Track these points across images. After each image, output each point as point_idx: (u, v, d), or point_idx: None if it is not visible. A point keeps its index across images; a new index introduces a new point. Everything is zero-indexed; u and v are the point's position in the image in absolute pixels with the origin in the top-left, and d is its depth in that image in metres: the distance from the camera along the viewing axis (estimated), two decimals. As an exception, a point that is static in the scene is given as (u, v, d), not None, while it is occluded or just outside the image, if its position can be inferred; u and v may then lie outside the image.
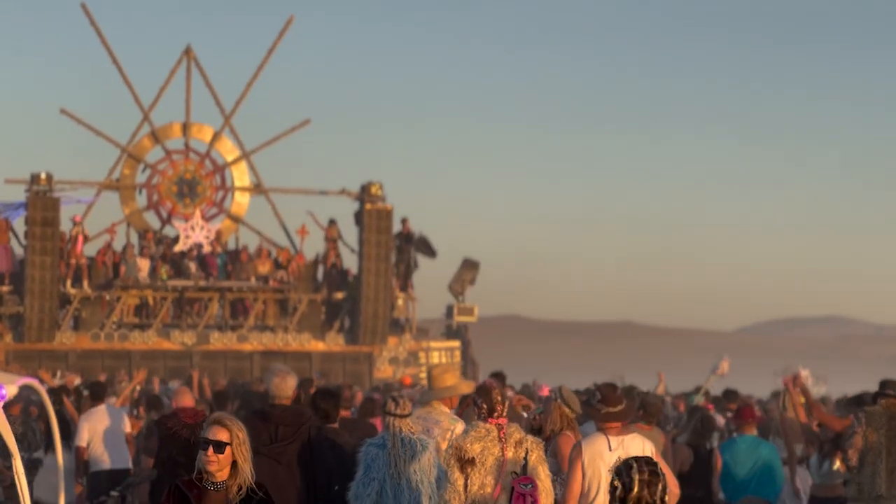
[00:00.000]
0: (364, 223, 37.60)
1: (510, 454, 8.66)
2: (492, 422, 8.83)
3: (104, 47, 39.43)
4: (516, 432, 8.74)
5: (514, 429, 8.77)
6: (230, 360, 37.14)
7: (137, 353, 36.61)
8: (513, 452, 8.66)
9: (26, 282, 35.35)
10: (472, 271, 41.51)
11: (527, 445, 8.68)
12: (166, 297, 37.44)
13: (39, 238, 35.33)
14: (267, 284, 37.65)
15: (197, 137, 40.25)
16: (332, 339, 38.28)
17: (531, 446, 8.70)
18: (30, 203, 35.61)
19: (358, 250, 38.32)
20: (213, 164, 40.17)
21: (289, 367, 10.71)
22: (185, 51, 40.14)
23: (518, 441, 8.68)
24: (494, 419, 8.83)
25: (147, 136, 39.85)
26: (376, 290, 37.47)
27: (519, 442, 8.68)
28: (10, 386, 5.46)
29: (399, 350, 38.60)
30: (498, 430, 8.75)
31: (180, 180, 39.44)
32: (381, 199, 37.97)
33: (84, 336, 36.65)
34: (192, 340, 37.08)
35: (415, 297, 39.21)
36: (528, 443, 8.71)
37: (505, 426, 8.77)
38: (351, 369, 37.31)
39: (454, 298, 41.40)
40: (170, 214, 39.30)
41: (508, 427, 8.77)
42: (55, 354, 35.96)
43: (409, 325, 39.37)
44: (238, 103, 40.41)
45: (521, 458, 8.64)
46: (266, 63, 40.61)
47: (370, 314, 37.59)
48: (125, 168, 39.53)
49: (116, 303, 37.05)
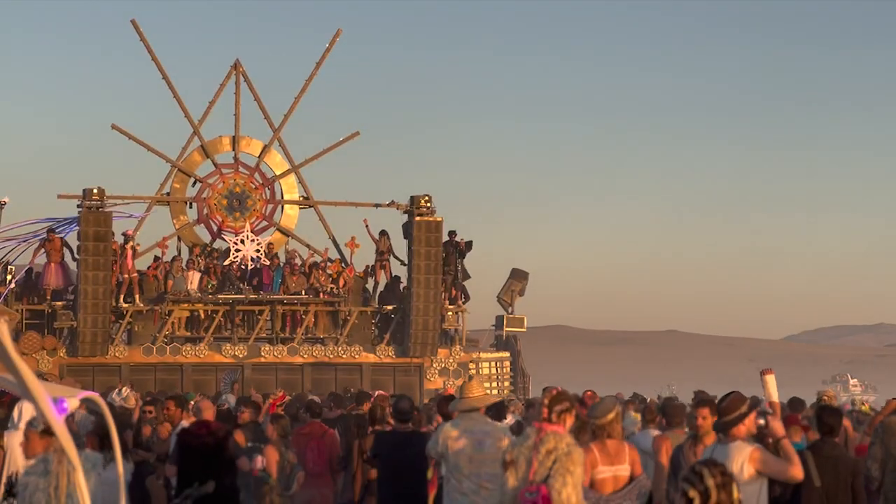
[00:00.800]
0: (413, 235, 37.63)
1: (537, 462, 8.64)
2: (536, 425, 8.85)
3: (154, 63, 39.63)
4: (552, 440, 8.68)
5: (551, 436, 8.71)
6: (281, 373, 37.22)
7: (189, 367, 36.79)
8: (540, 460, 8.64)
9: (79, 296, 35.55)
10: (522, 282, 41.48)
11: (556, 455, 8.63)
12: (217, 310, 37.60)
13: (92, 253, 35.49)
14: (318, 297, 37.75)
15: (246, 151, 40.43)
16: (383, 350, 38.31)
17: (560, 456, 8.63)
18: (82, 218, 35.75)
19: (407, 262, 38.38)
20: (262, 177, 40.33)
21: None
22: (233, 65, 40.33)
23: (549, 450, 8.64)
24: (538, 423, 8.84)
25: (197, 151, 40.06)
26: (426, 302, 37.48)
27: (550, 451, 8.64)
28: (71, 399, 5.52)
29: (449, 361, 38.58)
30: (535, 436, 8.73)
31: (230, 194, 39.62)
32: (430, 211, 38.00)
33: (136, 350, 36.85)
34: (243, 353, 37.19)
35: (465, 309, 39.19)
36: (558, 452, 8.65)
37: (544, 433, 8.73)
38: (401, 381, 37.32)
39: (503, 309, 41.40)
40: (220, 228, 39.46)
41: (548, 435, 8.72)
42: (108, 368, 36.15)
43: (459, 336, 39.37)
44: (287, 117, 40.60)
45: (547, 468, 8.60)
46: (314, 76, 40.79)
47: (420, 326, 37.60)
48: (175, 182, 39.75)
49: (168, 316, 37.23)
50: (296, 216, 40.67)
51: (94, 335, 35.71)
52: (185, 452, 13.03)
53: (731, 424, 8.70)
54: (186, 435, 13.12)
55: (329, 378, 36.87)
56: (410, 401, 13.98)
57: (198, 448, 12.85)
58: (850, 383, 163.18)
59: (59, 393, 5.48)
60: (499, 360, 40.09)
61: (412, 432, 13.03)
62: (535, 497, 8.45)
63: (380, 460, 12.91)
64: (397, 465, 12.38)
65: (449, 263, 38.46)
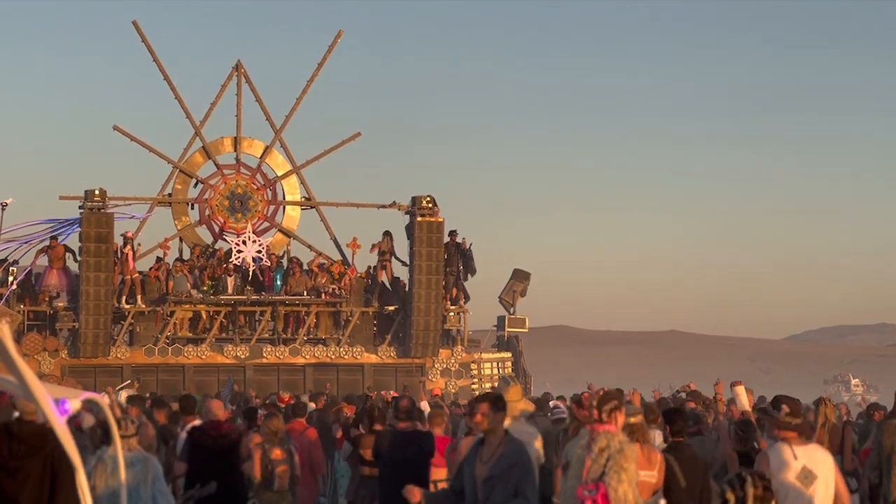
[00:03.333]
0: (415, 236, 37.64)
1: (591, 461, 8.72)
2: (589, 427, 8.93)
3: (155, 64, 39.70)
4: (603, 439, 8.78)
5: (603, 436, 8.81)
6: (283, 374, 37.26)
7: (191, 367, 36.82)
8: (594, 459, 8.72)
9: (81, 298, 35.58)
10: (523, 282, 41.44)
11: (608, 453, 8.72)
12: (219, 311, 37.61)
13: (93, 254, 35.50)
14: (319, 298, 37.77)
15: (248, 152, 40.46)
16: (384, 351, 38.34)
17: (613, 454, 8.73)
18: (84, 219, 35.78)
19: (409, 263, 38.38)
20: (263, 178, 40.35)
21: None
22: (235, 66, 40.37)
23: (602, 449, 8.73)
24: (591, 425, 8.93)
25: (198, 152, 40.10)
26: (427, 303, 37.50)
27: (602, 450, 8.73)
28: (73, 400, 5.53)
29: (451, 362, 38.61)
30: (589, 436, 8.82)
31: (232, 195, 39.64)
32: (431, 212, 38.01)
33: (138, 351, 36.87)
34: (245, 354, 37.21)
35: (466, 309, 39.20)
36: (610, 450, 8.75)
37: (598, 434, 8.83)
38: (403, 381, 37.34)
39: (505, 310, 41.38)
40: (221, 229, 39.48)
41: (600, 435, 8.82)
42: (110, 369, 36.17)
43: (461, 336, 39.39)
44: (288, 118, 40.64)
45: (602, 466, 8.69)
46: (316, 77, 40.85)
47: (422, 326, 37.62)
48: (177, 183, 39.79)
49: (170, 317, 37.25)
50: (297, 217, 40.71)
51: (96, 336, 35.75)
52: (195, 451, 13.02)
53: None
54: (198, 433, 13.11)
55: (331, 379, 36.88)
56: (411, 399, 14.01)
57: (209, 447, 12.86)
58: (851, 383, 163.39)
59: (60, 394, 5.51)
60: (500, 360, 40.08)
61: (413, 431, 13.05)
62: (593, 495, 8.55)
63: (381, 459, 12.92)
64: (398, 464, 12.39)
65: (451, 264, 38.47)
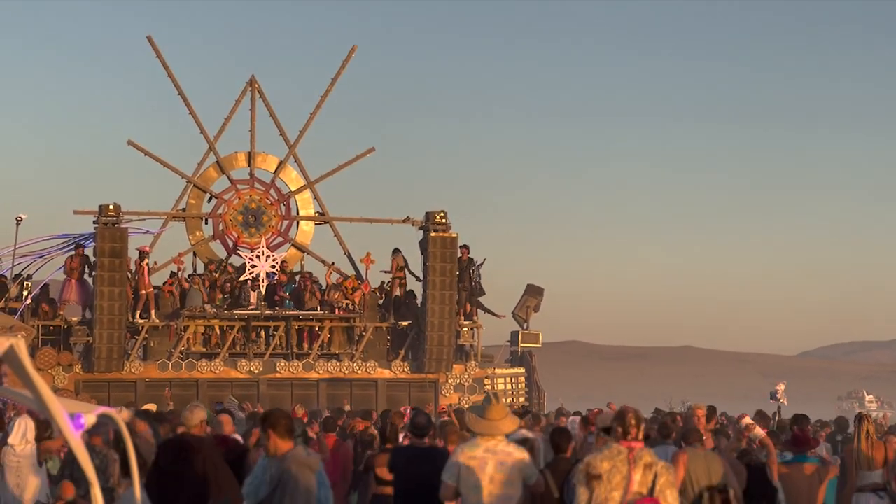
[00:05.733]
0: (429, 251, 37.60)
1: (638, 475, 8.74)
2: (623, 444, 8.92)
3: (170, 79, 39.74)
4: (647, 456, 8.82)
5: (645, 452, 8.84)
6: (296, 389, 37.22)
7: (205, 382, 36.80)
8: (641, 474, 8.74)
9: (95, 312, 35.60)
10: (537, 298, 41.39)
11: (656, 469, 8.75)
12: (233, 326, 37.61)
13: (108, 269, 35.49)
14: (333, 313, 37.74)
15: (262, 167, 40.46)
16: (398, 366, 38.30)
17: (660, 470, 8.77)
18: (98, 234, 35.78)
19: (423, 278, 38.34)
20: (277, 193, 40.35)
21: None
22: (249, 81, 40.38)
23: (648, 464, 8.77)
24: (627, 442, 8.93)
25: (212, 167, 40.11)
26: (441, 318, 37.46)
27: (649, 465, 8.76)
28: (88, 415, 5.50)
29: (464, 377, 38.55)
30: (628, 452, 8.82)
31: (245, 210, 39.64)
32: (445, 227, 37.98)
33: (152, 366, 36.85)
34: (258, 369, 37.18)
35: (480, 325, 39.16)
36: (657, 467, 8.78)
37: (636, 449, 8.84)
38: (416, 397, 37.27)
39: (519, 325, 41.32)
40: (235, 244, 39.48)
41: (640, 451, 8.84)
42: (124, 384, 36.19)
43: (475, 352, 39.33)
44: (302, 133, 40.64)
45: (650, 481, 8.70)
46: (330, 92, 40.84)
47: (435, 342, 37.57)
48: (191, 198, 39.81)
49: (183, 332, 37.24)
50: (311, 232, 40.69)
51: (110, 351, 35.73)
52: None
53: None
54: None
55: (344, 394, 36.85)
56: (427, 416, 13.94)
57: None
58: (865, 399, 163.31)
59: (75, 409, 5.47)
60: (514, 375, 40.04)
61: (429, 447, 12.99)
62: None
63: (396, 475, 12.87)
64: (414, 481, 12.33)
65: (463, 280, 38.43)
